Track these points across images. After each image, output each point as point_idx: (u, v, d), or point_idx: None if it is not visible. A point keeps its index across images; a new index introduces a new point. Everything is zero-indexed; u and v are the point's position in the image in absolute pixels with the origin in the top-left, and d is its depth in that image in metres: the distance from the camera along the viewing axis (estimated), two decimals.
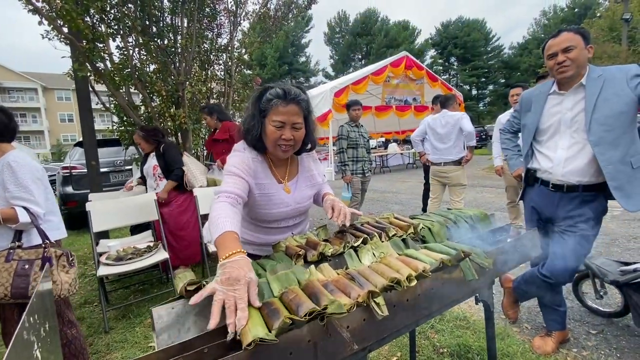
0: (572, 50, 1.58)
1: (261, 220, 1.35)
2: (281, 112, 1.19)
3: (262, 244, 1.39)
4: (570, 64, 1.59)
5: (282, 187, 1.33)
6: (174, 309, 0.89)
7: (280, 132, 1.20)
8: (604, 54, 13.92)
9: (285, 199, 1.32)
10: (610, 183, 1.54)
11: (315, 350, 0.79)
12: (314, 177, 1.43)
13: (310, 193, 1.40)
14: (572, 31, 1.61)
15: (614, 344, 1.94)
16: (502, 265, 1.28)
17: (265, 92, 1.22)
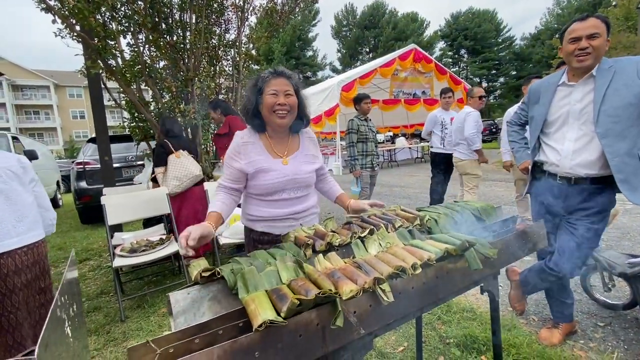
0: (597, 38, 1.54)
1: (264, 193, 1.49)
2: (274, 84, 1.40)
3: (271, 219, 1.51)
4: (592, 52, 1.55)
5: (280, 160, 1.49)
6: (189, 294, 0.94)
7: (275, 99, 1.39)
8: (618, 44, 13.53)
9: (282, 170, 1.47)
10: (616, 175, 1.53)
11: (324, 333, 0.83)
12: (313, 156, 1.60)
13: (307, 169, 1.54)
14: (600, 18, 1.58)
15: (621, 336, 1.94)
16: (507, 256, 1.30)
17: (259, 77, 1.45)
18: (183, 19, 4.02)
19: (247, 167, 1.44)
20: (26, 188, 1.71)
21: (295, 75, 1.48)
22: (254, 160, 1.45)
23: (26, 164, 1.76)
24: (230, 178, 1.48)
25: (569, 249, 1.72)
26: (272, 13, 4.88)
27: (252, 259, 1.09)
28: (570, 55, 1.63)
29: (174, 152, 3.21)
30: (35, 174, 1.81)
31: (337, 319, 0.79)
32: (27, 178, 1.74)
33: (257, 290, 0.87)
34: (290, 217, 1.52)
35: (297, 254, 1.14)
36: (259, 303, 0.79)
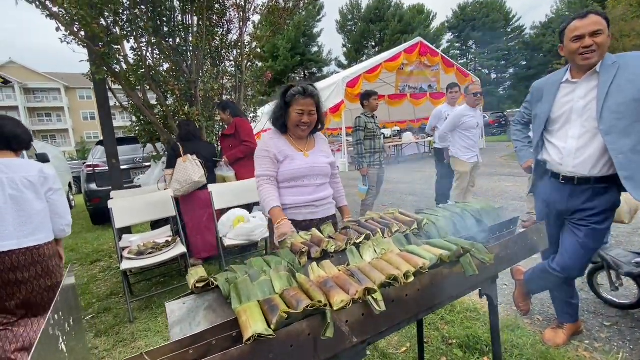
0: (600, 35, 1.50)
1: (290, 179, 1.74)
2: (302, 104, 1.66)
3: (295, 206, 1.74)
4: (597, 49, 1.51)
5: (302, 154, 1.77)
6: (185, 304, 0.96)
7: (300, 117, 1.68)
8: (632, 31, 13.11)
9: (304, 159, 1.75)
10: (620, 173, 1.49)
11: (315, 343, 0.84)
12: (327, 152, 1.89)
13: (324, 160, 1.81)
14: (599, 14, 1.53)
15: (627, 336, 1.91)
16: (506, 260, 1.29)
17: (289, 89, 1.69)
18: (185, 21, 4.04)
19: (278, 155, 1.72)
20: (39, 196, 1.81)
21: (317, 93, 1.72)
22: (282, 149, 1.73)
23: (49, 175, 1.86)
24: (265, 166, 1.73)
25: (572, 250, 1.69)
26: (274, 11, 4.86)
27: (247, 267, 1.11)
28: (574, 54, 1.59)
29: (181, 155, 3.26)
30: (56, 184, 1.90)
31: (327, 330, 0.80)
32: (45, 188, 1.83)
33: (250, 301, 0.88)
34: (311, 205, 1.76)
35: (293, 261, 1.15)
36: (250, 314, 0.81)
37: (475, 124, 3.84)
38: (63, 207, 1.93)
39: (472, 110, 3.84)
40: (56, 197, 1.90)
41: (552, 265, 1.78)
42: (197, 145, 3.48)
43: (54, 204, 1.88)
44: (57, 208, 1.89)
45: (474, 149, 3.94)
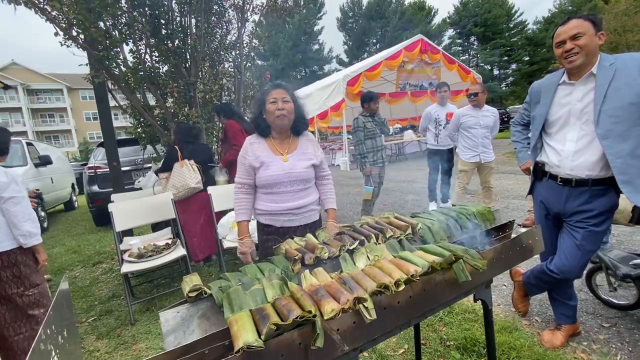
0: (580, 37, 1.51)
1: (266, 185, 1.74)
2: (273, 94, 1.70)
3: (274, 212, 1.76)
4: (579, 51, 1.52)
5: (281, 158, 1.75)
6: (179, 312, 0.97)
7: (275, 105, 1.68)
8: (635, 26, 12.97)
9: (282, 165, 1.73)
10: (618, 177, 1.49)
11: (306, 352, 0.84)
12: (309, 155, 1.82)
13: (305, 164, 1.77)
14: (582, 18, 1.54)
15: (626, 337, 1.91)
16: (499, 265, 1.29)
17: (262, 92, 1.77)
18: (183, 23, 4.05)
19: (254, 162, 1.73)
20: None
21: (290, 86, 1.76)
22: (259, 155, 1.74)
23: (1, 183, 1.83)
24: (243, 174, 1.78)
25: (569, 252, 1.69)
26: (273, 12, 4.86)
27: (241, 275, 1.12)
28: (560, 58, 1.63)
29: (179, 160, 3.27)
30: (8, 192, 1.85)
31: (317, 340, 0.81)
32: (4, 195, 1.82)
33: (242, 310, 0.89)
34: (288, 212, 1.76)
35: (287, 268, 1.16)
36: (241, 324, 0.82)
37: (474, 123, 3.83)
38: (17, 217, 1.87)
39: (472, 109, 3.83)
40: (8, 205, 1.85)
41: (549, 267, 1.78)
42: (195, 148, 3.49)
43: (7, 213, 1.86)
44: (10, 217, 1.86)
45: (476, 149, 3.92)
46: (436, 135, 4.52)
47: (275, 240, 1.78)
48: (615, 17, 14.68)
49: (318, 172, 1.87)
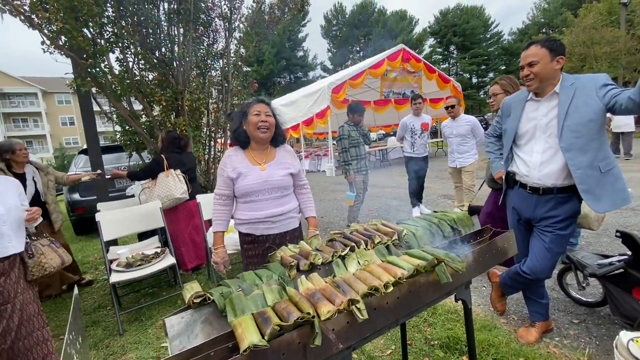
0: (535, 65, 1.68)
1: (244, 194, 1.80)
2: (257, 107, 1.78)
3: (253, 221, 1.81)
4: (534, 77, 1.71)
5: (259, 167, 1.81)
6: (183, 318, 1.03)
7: (258, 118, 1.76)
8: (602, 39, 13.81)
9: (259, 174, 1.79)
10: (579, 186, 1.65)
11: (305, 351, 0.92)
12: (287, 164, 1.89)
13: (282, 172, 1.84)
14: (540, 44, 1.70)
15: (594, 332, 2.07)
16: (477, 267, 1.41)
17: (245, 104, 1.86)
18: (171, 32, 4.08)
19: (231, 173, 1.79)
20: None
21: (271, 102, 1.87)
22: (236, 167, 1.80)
23: None
24: (222, 185, 1.84)
25: (539, 254, 1.84)
26: (260, 23, 4.95)
27: (240, 281, 1.19)
28: (523, 80, 1.81)
29: (165, 170, 3.27)
30: None
31: (315, 339, 0.89)
32: None
33: (244, 314, 0.96)
34: (267, 220, 1.81)
35: (283, 274, 1.23)
36: (245, 327, 0.89)
37: (450, 133, 4.26)
38: None
39: (450, 120, 4.19)
40: None
41: (522, 268, 1.93)
42: (182, 158, 3.50)
43: None
44: None
45: (452, 155, 4.39)
46: (412, 144, 4.81)
47: (257, 249, 1.87)
48: (584, 31, 15.61)
49: (296, 181, 1.95)
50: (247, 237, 1.86)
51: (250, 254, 1.89)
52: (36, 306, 2.12)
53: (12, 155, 3.09)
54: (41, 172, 3.33)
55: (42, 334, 2.05)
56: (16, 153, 3.10)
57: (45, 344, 2.08)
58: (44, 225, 3.26)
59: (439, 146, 15.08)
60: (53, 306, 3.21)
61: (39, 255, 2.27)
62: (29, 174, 3.21)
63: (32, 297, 2.12)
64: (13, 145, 3.11)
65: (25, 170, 3.20)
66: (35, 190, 3.23)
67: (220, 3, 4.60)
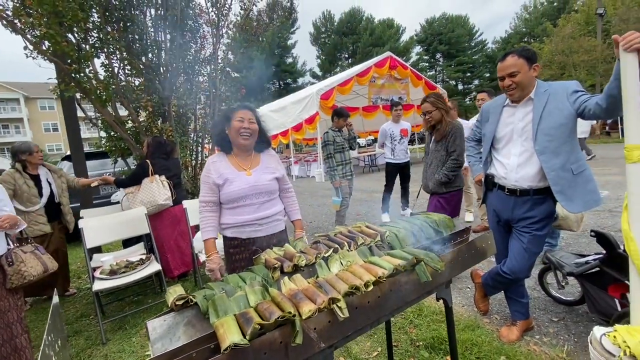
0: (516, 75, 1.76)
1: (231, 200, 1.80)
2: (241, 113, 1.79)
3: (239, 225, 1.81)
4: (516, 87, 1.78)
5: (245, 173, 1.83)
6: (165, 321, 1.03)
7: (241, 124, 1.77)
8: (580, 48, 14.37)
9: (246, 179, 1.81)
10: (553, 188, 1.72)
11: (287, 350, 0.94)
12: (272, 168, 1.92)
13: (268, 177, 1.87)
14: (517, 54, 1.78)
15: (572, 330, 2.14)
16: (458, 266, 1.45)
17: (229, 109, 1.87)
18: (158, 38, 4.07)
19: (217, 179, 1.78)
20: None
21: (256, 109, 1.87)
22: (222, 173, 1.80)
23: None
24: (208, 192, 1.82)
25: (518, 254, 1.90)
26: (248, 29, 4.99)
27: (224, 284, 1.19)
28: (503, 89, 1.89)
29: (150, 175, 3.24)
30: None
31: (297, 337, 0.90)
32: None
33: (227, 315, 0.97)
34: (254, 223, 1.82)
35: (267, 276, 1.25)
36: (227, 327, 0.90)
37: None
38: None
39: None
40: None
41: (502, 268, 1.98)
42: (167, 163, 3.47)
43: None
44: None
45: None
46: (392, 150, 4.92)
47: (243, 253, 1.87)
48: (563, 40, 16.21)
49: (281, 185, 1.98)
50: (233, 241, 1.86)
51: (237, 258, 1.88)
52: (15, 314, 2.08)
53: (29, 157, 3.15)
54: (54, 174, 3.38)
55: (20, 341, 2.01)
56: (33, 155, 3.17)
57: (24, 351, 2.04)
58: (59, 228, 3.36)
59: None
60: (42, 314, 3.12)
61: (18, 264, 2.21)
62: (43, 175, 3.27)
63: (12, 305, 2.07)
64: (31, 147, 3.18)
65: (39, 172, 3.26)
66: (50, 191, 3.27)
67: (208, 10, 4.63)
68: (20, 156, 3.11)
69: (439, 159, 2.81)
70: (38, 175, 3.22)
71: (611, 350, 1.35)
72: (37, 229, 3.10)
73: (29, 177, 3.13)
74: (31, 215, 3.09)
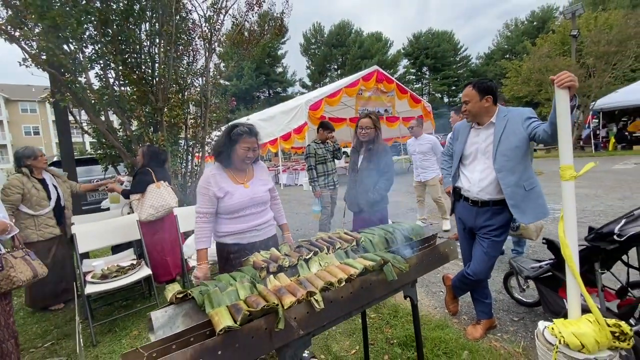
0: (467, 103, 2.07)
1: (231, 212, 1.94)
2: (247, 141, 1.91)
3: (238, 233, 1.97)
4: (468, 113, 2.09)
5: (242, 185, 1.97)
6: (166, 312, 1.20)
7: (247, 153, 1.92)
8: (555, 67, 15.16)
9: (244, 192, 1.96)
10: (508, 202, 1.97)
11: (271, 335, 1.12)
12: (264, 180, 2.11)
13: (263, 189, 2.05)
14: (471, 86, 2.06)
15: (530, 328, 2.38)
16: (422, 268, 1.66)
17: (234, 128, 1.92)
18: (152, 51, 4.23)
19: (218, 192, 1.91)
20: None
21: (257, 131, 1.99)
22: (222, 186, 1.92)
23: None
24: (205, 204, 1.93)
25: (480, 258, 2.13)
26: (239, 44, 5.20)
27: (216, 282, 1.37)
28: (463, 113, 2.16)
29: (155, 181, 3.37)
30: None
31: (279, 323, 1.09)
32: None
33: (220, 306, 1.14)
34: (254, 229, 2.01)
35: (255, 275, 1.43)
36: (221, 315, 1.07)
37: (413, 151, 4.86)
38: None
39: (413, 139, 4.71)
40: None
41: (467, 271, 2.21)
42: (163, 171, 3.61)
43: None
44: None
45: (416, 170, 4.90)
46: None
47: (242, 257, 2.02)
48: (540, 59, 17.07)
49: (271, 194, 2.15)
50: (233, 247, 1.98)
51: (236, 263, 1.97)
52: (3, 319, 2.16)
53: (34, 161, 3.21)
54: (58, 179, 3.46)
55: (6, 346, 2.10)
56: (37, 159, 3.23)
57: (9, 356, 2.13)
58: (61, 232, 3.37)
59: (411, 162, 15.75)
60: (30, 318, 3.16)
61: (8, 269, 2.28)
62: (48, 179, 3.34)
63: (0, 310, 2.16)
64: (35, 151, 3.25)
65: (44, 176, 3.32)
66: (57, 195, 3.34)
67: (201, 24, 4.82)
68: (25, 161, 3.17)
69: (371, 178, 2.80)
70: (44, 179, 3.29)
71: (551, 340, 1.58)
72: (47, 231, 3.16)
73: (37, 181, 3.20)
74: (41, 218, 3.15)
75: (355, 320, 2.60)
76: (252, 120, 10.30)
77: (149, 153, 3.49)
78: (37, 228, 3.13)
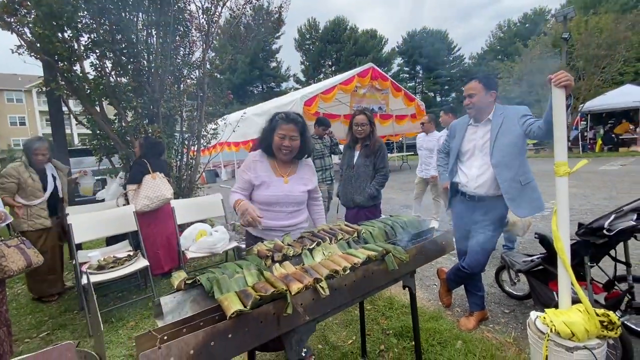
0: (474, 96, 2.08)
1: (264, 203, 1.85)
2: (284, 128, 1.80)
3: (268, 228, 1.86)
4: (472, 106, 2.10)
5: (282, 179, 1.87)
6: (175, 298, 1.22)
7: (282, 141, 1.80)
8: (546, 67, 15.42)
9: (281, 186, 1.86)
10: (505, 196, 2.04)
11: (279, 320, 1.15)
12: (306, 180, 1.98)
13: (302, 189, 1.91)
14: (477, 79, 2.10)
15: (520, 320, 2.46)
16: (421, 259, 1.71)
17: (275, 116, 1.86)
18: (148, 42, 4.18)
19: (254, 180, 1.84)
20: None
21: (302, 120, 1.87)
22: (260, 175, 1.85)
23: None
24: (241, 187, 1.88)
25: (474, 251, 2.20)
26: (236, 37, 5.17)
27: (223, 269, 1.39)
28: (465, 106, 2.20)
29: (151, 172, 3.36)
30: None
31: (287, 308, 1.12)
32: None
33: (229, 292, 1.17)
34: (281, 229, 1.87)
35: (260, 264, 1.45)
36: (231, 300, 1.10)
37: (419, 147, 4.76)
38: None
39: (423, 135, 4.73)
40: None
41: (462, 264, 2.28)
42: (160, 163, 3.60)
43: None
44: None
45: (420, 167, 4.88)
46: None
47: None
48: (532, 60, 17.35)
49: (312, 194, 2.03)
50: (255, 240, 1.87)
51: None
52: None
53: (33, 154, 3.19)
54: (60, 172, 3.47)
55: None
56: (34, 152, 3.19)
57: (1, 344, 2.12)
58: (56, 223, 3.39)
59: (404, 160, 15.91)
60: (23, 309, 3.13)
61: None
62: (49, 170, 3.34)
63: None
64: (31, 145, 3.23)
65: (45, 166, 3.32)
66: (54, 186, 3.34)
67: (199, 15, 4.78)
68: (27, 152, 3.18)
69: (367, 174, 2.87)
70: (44, 169, 3.28)
71: (542, 329, 1.65)
72: (38, 222, 3.17)
73: (35, 172, 3.18)
74: (33, 208, 3.15)
75: (351, 312, 2.65)
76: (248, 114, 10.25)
77: (146, 144, 3.47)
78: (29, 218, 3.11)
